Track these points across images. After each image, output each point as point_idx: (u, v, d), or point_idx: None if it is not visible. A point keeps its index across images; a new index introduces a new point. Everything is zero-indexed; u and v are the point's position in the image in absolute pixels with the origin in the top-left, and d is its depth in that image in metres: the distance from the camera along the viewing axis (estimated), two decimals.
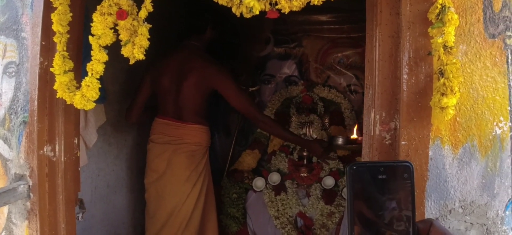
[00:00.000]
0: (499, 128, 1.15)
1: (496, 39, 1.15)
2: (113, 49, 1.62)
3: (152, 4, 1.51)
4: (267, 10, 1.27)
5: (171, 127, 2.62)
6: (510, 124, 1.15)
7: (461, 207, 1.18)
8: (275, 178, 2.94)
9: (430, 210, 1.18)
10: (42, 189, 1.73)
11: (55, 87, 1.63)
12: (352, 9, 3.02)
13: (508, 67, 1.14)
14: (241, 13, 1.33)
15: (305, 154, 3.02)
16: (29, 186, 1.75)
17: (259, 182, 2.96)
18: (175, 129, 2.61)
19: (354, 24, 3.17)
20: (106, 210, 2.81)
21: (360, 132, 2.70)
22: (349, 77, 3.23)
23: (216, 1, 1.35)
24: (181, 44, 2.68)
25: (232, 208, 2.93)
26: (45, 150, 1.74)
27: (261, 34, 3.39)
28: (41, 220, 1.74)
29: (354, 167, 0.72)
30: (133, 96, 2.71)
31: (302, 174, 2.93)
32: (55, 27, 1.62)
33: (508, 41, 1.14)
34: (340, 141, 2.70)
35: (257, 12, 1.28)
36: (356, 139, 2.66)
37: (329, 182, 2.85)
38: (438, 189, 1.17)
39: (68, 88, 1.62)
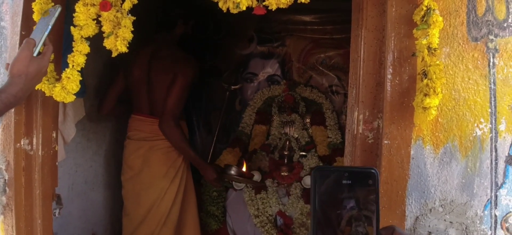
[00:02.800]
0: (480, 129, 1.18)
1: (478, 42, 1.17)
2: (94, 42, 1.59)
3: None
4: (254, 6, 1.27)
5: (146, 123, 2.59)
6: (490, 126, 1.18)
7: (441, 205, 1.20)
8: (256, 176, 2.94)
9: (410, 208, 1.20)
10: (18, 184, 1.67)
11: None
12: (336, 9, 3.05)
13: (489, 70, 1.17)
14: (226, 10, 1.33)
15: (286, 153, 3.03)
16: (5, 180, 1.70)
17: None
18: (150, 125, 2.58)
19: (337, 25, 3.20)
20: (84, 207, 2.75)
21: (248, 170, 2.88)
22: (331, 78, 3.25)
23: None
24: (152, 38, 2.65)
25: (212, 206, 2.91)
26: (22, 143, 1.69)
27: (245, 32, 3.39)
28: (17, 215, 1.68)
29: (319, 171, 0.74)
30: (106, 89, 2.67)
31: (282, 173, 2.93)
32: (35, 17, 1.57)
33: (490, 45, 1.17)
34: (232, 171, 2.74)
35: (244, 8, 1.27)
36: (245, 173, 2.82)
37: (309, 181, 2.83)
38: (419, 187, 1.19)
39: (48, 80, 1.58)
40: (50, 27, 1.38)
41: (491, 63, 1.17)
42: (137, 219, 2.54)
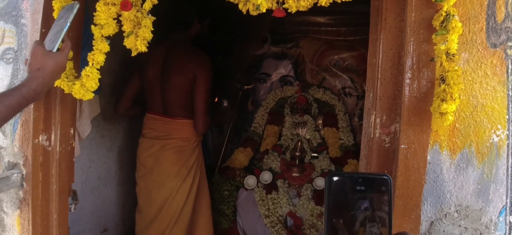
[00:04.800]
0: (497, 136, 1.17)
1: (497, 49, 1.17)
2: (110, 41, 1.60)
3: None
4: (274, 8, 1.28)
5: (159, 122, 2.61)
6: (507, 132, 1.17)
7: (456, 211, 1.20)
8: (266, 176, 2.95)
9: (426, 213, 1.21)
10: (36, 179, 1.71)
11: None
12: (350, 11, 3.04)
13: (508, 77, 1.16)
14: (245, 12, 1.34)
15: (297, 154, 3.04)
16: (23, 175, 1.73)
17: (250, 180, 2.97)
18: (163, 124, 2.60)
19: (351, 27, 3.20)
20: (96, 202, 2.79)
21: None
22: (344, 80, 3.25)
23: None
24: (166, 37, 2.65)
25: (223, 205, 2.93)
26: (40, 139, 1.72)
27: (259, 33, 3.40)
28: (33, 210, 1.72)
29: (333, 177, 0.75)
30: (122, 89, 2.69)
31: (293, 174, 2.94)
32: (56, 15, 1.60)
33: (509, 52, 1.16)
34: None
35: (264, 10, 1.28)
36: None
37: (320, 183, 2.86)
38: (434, 193, 1.19)
39: (67, 77, 1.61)
40: (68, 23, 1.39)
41: (509, 70, 1.17)
42: (149, 216, 2.56)
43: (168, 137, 2.58)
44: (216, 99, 3.22)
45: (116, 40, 1.59)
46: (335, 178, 0.76)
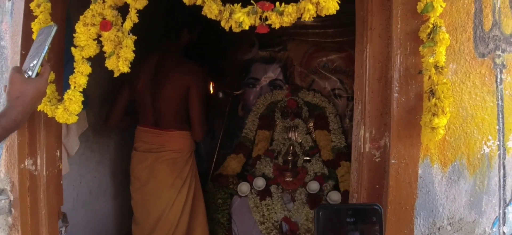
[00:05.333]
0: (488, 147, 1.16)
1: (485, 58, 1.16)
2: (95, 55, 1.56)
3: (137, 14, 1.47)
4: (257, 25, 1.25)
5: (151, 134, 2.59)
6: (498, 143, 1.16)
7: (450, 224, 1.19)
8: (260, 182, 2.93)
9: (419, 228, 1.19)
10: (24, 204, 1.67)
11: None
12: (338, 12, 3.01)
13: (497, 87, 1.15)
14: (228, 29, 1.31)
15: (290, 158, 3.02)
16: (10, 201, 1.69)
17: (244, 187, 2.94)
18: (155, 136, 2.58)
19: (338, 28, 3.17)
20: (89, 217, 2.76)
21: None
22: (334, 81, 3.23)
23: (204, 14, 1.32)
24: (157, 48, 2.63)
25: (217, 214, 2.90)
26: (26, 163, 1.68)
27: (246, 37, 3.36)
28: None
29: (322, 211, 0.74)
30: (112, 102, 2.66)
31: (287, 179, 2.92)
32: (35, 37, 1.56)
33: (497, 61, 1.15)
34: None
35: (247, 27, 1.26)
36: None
37: (314, 186, 2.85)
38: (427, 207, 1.18)
39: (50, 101, 1.57)
40: (47, 47, 1.33)
41: (498, 79, 1.16)
42: (147, 228, 2.55)
43: (161, 149, 2.56)
44: (212, 91, 3.23)
45: (102, 52, 1.55)
46: (324, 211, 0.74)
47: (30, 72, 1.32)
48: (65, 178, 2.08)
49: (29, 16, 1.62)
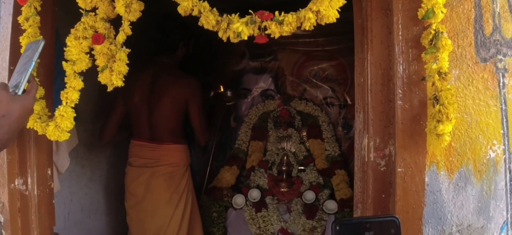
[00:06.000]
0: (493, 151, 1.15)
1: (487, 63, 1.15)
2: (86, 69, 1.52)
3: (130, 27, 1.43)
4: (255, 35, 1.23)
5: (147, 149, 2.54)
6: (503, 147, 1.15)
7: (458, 231, 1.17)
8: (255, 194, 2.89)
9: None
10: (15, 226, 1.60)
11: None
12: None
13: (500, 91, 1.14)
14: (226, 40, 1.28)
15: (284, 168, 2.99)
16: (1, 222, 1.62)
17: (239, 199, 2.90)
18: (151, 150, 2.53)
19: (329, 37, 3.18)
20: None
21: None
22: (325, 90, 3.23)
23: (201, 25, 1.29)
24: (152, 61, 2.62)
25: (212, 228, 2.85)
26: (16, 183, 1.62)
27: (236, 48, 3.34)
28: None
29: (339, 225, 0.71)
30: (106, 116, 2.60)
31: (282, 189, 2.89)
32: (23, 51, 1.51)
33: (499, 65, 1.14)
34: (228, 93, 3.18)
35: (246, 38, 1.23)
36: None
37: (309, 196, 2.82)
38: (435, 214, 1.16)
39: (40, 118, 1.51)
40: (34, 63, 1.27)
41: (501, 84, 1.15)
42: None
43: (157, 163, 2.51)
44: (221, 89, 3.25)
45: (93, 66, 1.51)
46: (342, 225, 0.71)
47: (16, 90, 1.26)
48: (56, 196, 2.01)
49: (17, 30, 1.57)
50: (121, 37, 1.42)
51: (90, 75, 1.52)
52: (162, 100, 2.47)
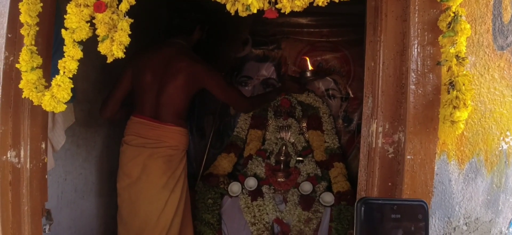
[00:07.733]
0: (506, 143, 1.11)
1: (504, 51, 1.11)
2: (84, 44, 1.46)
3: None
4: (265, 8, 1.18)
5: (147, 127, 2.48)
6: None
7: (466, 224, 1.13)
8: (251, 183, 2.85)
9: (434, 227, 1.13)
10: (5, 199, 1.55)
11: (21, 85, 1.47)
12: (333, 13, 2.98)
13: None
14: (234, 13, 1.23)
15: (282, 158, 2.95)
16: None
17: (235, 187, 2.86)
18: (151, 129, 2.47)
19: (334, 28, 3.14)
20: (74, 216, 2.63)
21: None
22: (328, 81, 3.18)
23: None
24: (168, 41, 2.59)
25: (207, 214, 2.81)
26: (8, 155, 1.56)
27: (239, 35, 3.29)
28: (4, 233, 1.56)
29: (364, 205, 0.66)
30: (110, 90, 2.54)
31: (279, 179, 2.85)
32: (22, 18, 1.46)
33: None
34: (308, 74, 3.10)
35: (255, 11, 1.18)
36: (314, 70, 3.14)
37: (306, 187, 2.78)
38: (443, 205, 1.12)
39: (36, 88, 1.46)
40: None
41: None
42: (133, 229, 2.42)
43: (156, 144, 2.46)
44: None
45: (90, 42, 1.45)
46: (367, 205, 0.67)
47: None
48: (50, 174, 1.97)
49: None
50: (124, 6, 1.37)
51: (88, 54, 1.47)
52: (175, 80, 2.43)
